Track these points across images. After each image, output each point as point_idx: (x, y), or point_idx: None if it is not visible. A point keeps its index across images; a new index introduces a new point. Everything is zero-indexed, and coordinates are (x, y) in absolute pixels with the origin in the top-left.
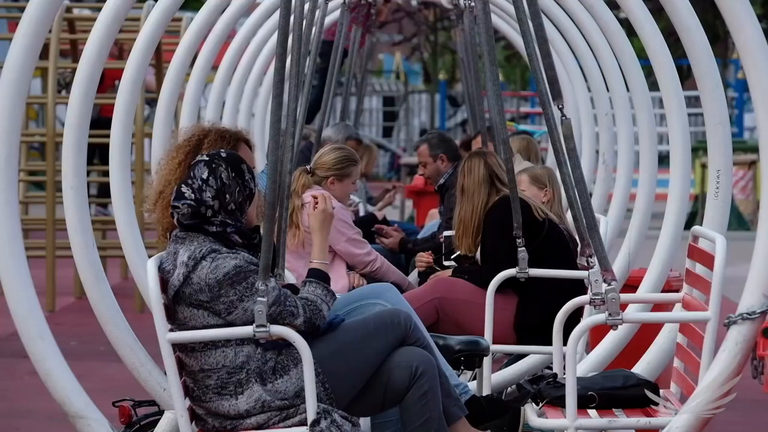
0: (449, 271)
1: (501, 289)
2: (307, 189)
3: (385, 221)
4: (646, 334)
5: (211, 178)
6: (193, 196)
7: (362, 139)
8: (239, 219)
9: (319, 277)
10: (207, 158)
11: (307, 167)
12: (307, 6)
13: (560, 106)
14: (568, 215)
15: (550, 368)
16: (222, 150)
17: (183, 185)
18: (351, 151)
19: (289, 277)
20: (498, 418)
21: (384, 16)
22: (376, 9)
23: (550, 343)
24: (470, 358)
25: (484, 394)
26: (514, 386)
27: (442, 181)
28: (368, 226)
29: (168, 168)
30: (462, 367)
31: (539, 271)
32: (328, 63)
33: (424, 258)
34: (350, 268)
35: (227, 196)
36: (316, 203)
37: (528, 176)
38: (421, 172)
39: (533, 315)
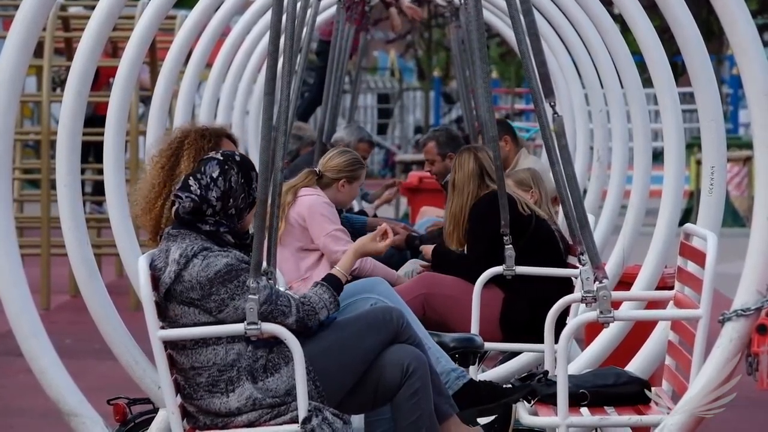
0: (431, 246)
1: (486, 284)
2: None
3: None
4: (641, 331)
5: (220, 179)
6: (198, 192)
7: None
8: (235, 222)
9: (333, 283)
10: (221, 157)
11: (316, 169)
12: (299, 4)
13: (552, 104)
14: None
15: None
16: (236, 153)
17: (191, 178)
18: (356, 153)
19: (280, 276)
20: (495, 402)
21: (399, 26)
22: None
23: (536, 340)
24: (465, 355)
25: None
26: (510, 385)
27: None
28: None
29: (151, 173)
30: (457, 365)
31: (526, 269)
32: (326, 62)
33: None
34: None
35: (231, 200)
36: (387, 234)
37: (512, 181)
38: (428, 169)
39: (519, 311)
